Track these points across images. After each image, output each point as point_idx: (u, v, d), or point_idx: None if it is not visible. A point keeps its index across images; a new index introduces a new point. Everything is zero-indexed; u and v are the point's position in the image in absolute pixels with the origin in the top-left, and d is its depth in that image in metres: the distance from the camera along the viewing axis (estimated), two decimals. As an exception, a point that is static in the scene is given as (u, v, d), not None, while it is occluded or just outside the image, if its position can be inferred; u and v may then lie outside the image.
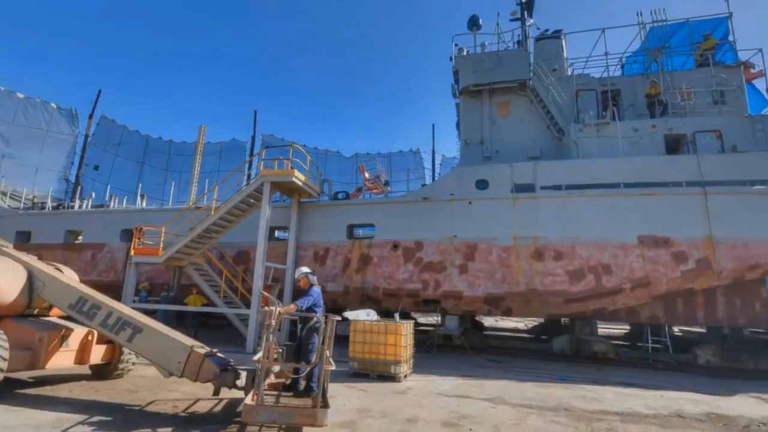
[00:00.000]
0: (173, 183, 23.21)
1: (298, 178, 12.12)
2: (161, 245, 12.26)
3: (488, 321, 21.24)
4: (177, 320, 12.31)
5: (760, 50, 13.05)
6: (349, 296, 13.02)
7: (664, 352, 12.02)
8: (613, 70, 14.79)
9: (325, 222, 13.52)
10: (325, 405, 4.67)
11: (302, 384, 5.72)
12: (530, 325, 19.63)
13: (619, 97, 13.71)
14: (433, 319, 13.97)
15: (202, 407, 5.67)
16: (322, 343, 4.87)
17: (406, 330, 8.25)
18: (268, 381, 5.62)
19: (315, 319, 5.77)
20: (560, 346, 12.46)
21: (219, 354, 5.76)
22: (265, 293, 6.30)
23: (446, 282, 12.05)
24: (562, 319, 14.47)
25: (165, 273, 14.27)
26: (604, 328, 17.25)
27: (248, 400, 4.74)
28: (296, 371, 5.67)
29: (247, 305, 11.73)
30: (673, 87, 12.93)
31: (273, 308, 5.08)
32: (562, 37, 15.12)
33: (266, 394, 5.13)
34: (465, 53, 14.97)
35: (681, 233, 10.71)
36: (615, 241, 11.04)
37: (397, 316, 8.92)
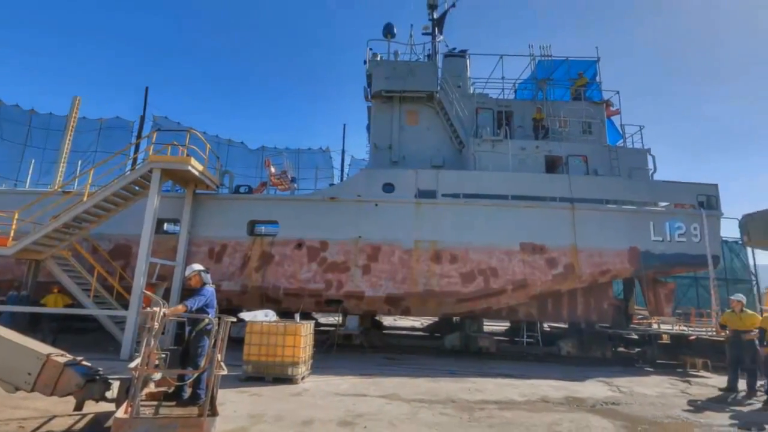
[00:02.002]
0: (33, 161, 19.49)
1: (195, 167, 11.12)
2: (11, 234, 10.20)
3: (387, 320, 21.93)
4: (30, 324, 10.36)
5: (618, 92, 15.75)
6: (247, 296, 12.33)
7: (536, 346, 13.71)
8: (507, 94, 16.47)
9: (224, 216, 12.62)
10: (213, 413, 4.33)
11: (188, 392, 5.23)
12: (425, 324, 20.76)
13: (512, 118, 15.29)
14: (334, 319, 13.94)
15: (59, 426, 4.83)
16: (213, 346, 4.51)
17: (306, 331, 8.08)
18: (146, 390, 5.02)
19: (206, 320, 5.32)
20: (451, 343, 13.38)
21: (85, 362, 4.96)
22: (148, 292, 5.62)
23: (349, 282, 12.12)
24: (454, 318, 15.57)
25: (17, 268, 11.93)
26: (488, 325, 19.00)
27: (120, 413, 4.17)
28: (181, 378, 5.15)
29: (125, 306, 10.36)
30: (553, 114, 14.89)
31: (156, 309, 4.55)
32: (467, 57, 16.36)
33: (143, 405, 4.58)
34: (379, 59, 15.31)
35: (554, 242, 12.31)
36: (502, 247, 12.26)
37: (297, 316, 8.69)
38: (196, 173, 11.24)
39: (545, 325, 15.99)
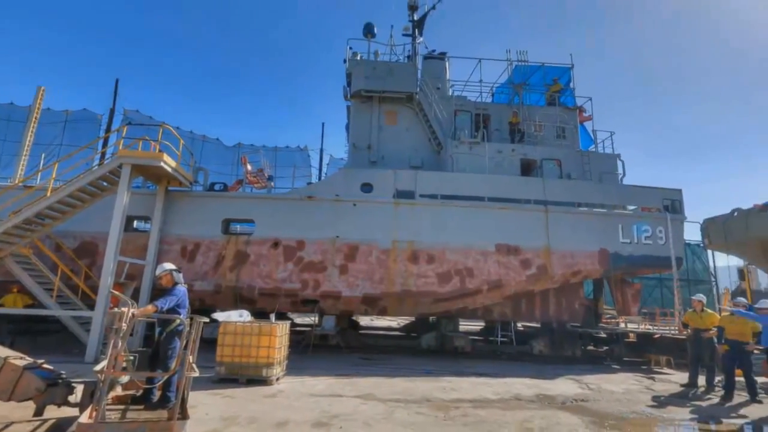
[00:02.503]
0: (-9, 154, 18.45)
1: (168, 163, 10.79)
2: (-33, 230, 9.62)
3: (364, 320, 21.90)
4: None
5: (590, 99, 16.26)
6: (221, 296, 12.06)
7: (510, 345, 13.98)
8: (485, 97, 16.76)
9: (198, 214, 12.30)
10: (184, 416, 4.21)
11: (157, 395, 5.06)
12: (402, 324, 20.84)
13: (489, 121, 15.55)
14: (311, 319, 13.81)
15: (17, 432, 4.59)
16: (185, 347, 4.39)
17: (281, 331, 7.97)
18: (112, 394, 4.84)
19: (177, 321, 5.16)
20: (427, 343, 13.48)
21: (46, 365, 4.74)
22: (116, 292, 5.41)
23: (326, 282, 12.04)
24: (431, 318, 15.70)
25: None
26: (464, 325, 19.25)
27: (84, 418, 4.00)
28: (150, 381, 4.99)
29: (91, 306, 9.94)
30: (529, 119, 15.23)
31: (125, 309, 4.38)
32: (447, 59, 16.53)
33: (109, 410, 4.40)
34: (359, 58, 15.27)
35: (528, 243, 12.59)
36: (477, 248, 12.44)
37: (272, 316, 8.57)
38: (169, 170, 10.91)
39: (519, 324, 16.34)
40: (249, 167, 14.71)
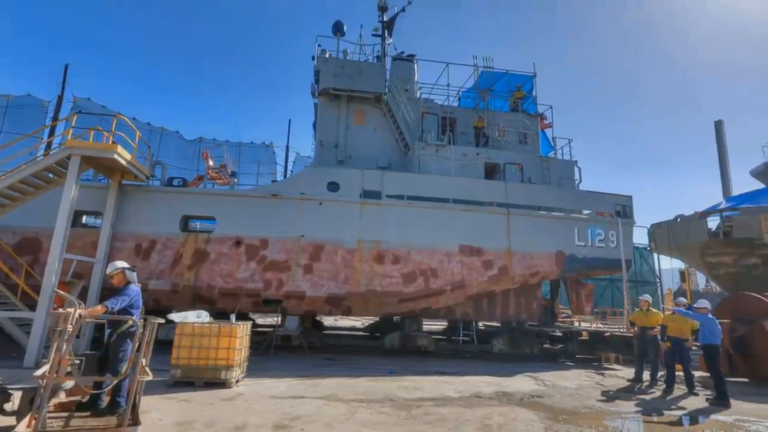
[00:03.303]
0: None
1: (122, 155, 10.22)
2: None
3: (328, 320, 21.72)
4: None
5: (551, 107, 16.95)
6: (178, 296, 11.57)
7: (471, 344, 14.31)
8: (452, 101, 17.06)
9: (154, 210, 11.73)
10: (135, 422, 4.00)
11: (105, 400, 4.78)
12: (366, 324, 20.84)
13: (455, 124, 15.86)
14: (273, 319, 13.53)
15: (-59, 445, 4.19)
16: (138, 349, 4.17)
17: (242, 332, 7.75)
18: (55, 401, 4.52)
19: (129, 322, 4.90)
20: (391, 342, 13.55)
21: (-22, 371, 4.35)
22: (61, 292, 5.06)
23: (289, 282, 11.83)
24: (395, 318, 15.80)
25: None
26: (427, 325, 19.52)
27: (22, 427, 3.71)
28: (98, 386, 4.70)
29: (32, 307, 9.24)
30: (493, 124, 15.67)
31: (71, 310, 4.11)
32: (415, 61, 16.69)
33: (51, 417, 4.11)
34: (328, 55, 15.13)
35: (490, 245, 12.94)
36: (442, 249, 12.64)
37: (233, 317, 8.32)
38: (123, 162, 10.34)
39: (480, 323, 16.76)
40: (211, 162, 14.21)
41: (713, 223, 17.68)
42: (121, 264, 5.44)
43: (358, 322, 22.99)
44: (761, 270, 16.80)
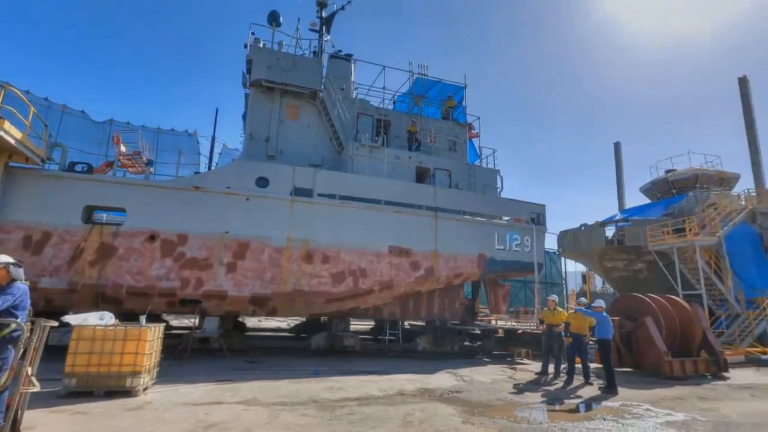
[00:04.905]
0: None
1: (10, 133, 8.86)
2: None
3: (252, 321, 20.81)
4: None
5: (479, 118, 17.99)
6: (77, 295, 10.30)
7: (397, 343, 14.63)
8: (387, 104, 17.33)
9: (50, 198, 10.33)
10: (15, 441, 3.47)
11: (-24, 417, 4.08)
12: (292, 325, 20.33)
13: (390, 127, 16.14)
14: (190, 321, 12.62)
15: None
16: (22, 356, 3.63)
17: (153, 335, 7.11)
18: None
19: (13, 325, 4.24)
20: (317, 343, 13.37)
21: None
22: None
23: (210, 281, 11.13)
24: (322, 318, 15.61)
25: None
26: (355, 325, 19.57)
27: None
28: (-33, 400, 4.00)
29: None
30: (426, 129, 16.22)
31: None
32: (353, 62, 16.68)
33: None
34: (262, 45, 14.53)
35: (418, 246, 13.35)
36: (372, 249, 12.77)
37: (143, 318, 7.60)
38: (12, 141, 8.96)
39: (406, 323, 17.21)
40: (123, 148, 12.88)
41: (610, 232, 20.04)
42: (5, 258, 4.69)
43: (283, 322, 22.33)
44: (645, 274, 19.40)
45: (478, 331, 15.88)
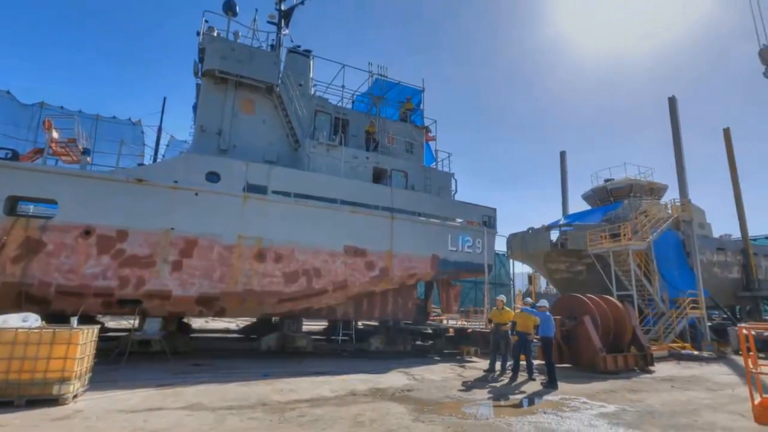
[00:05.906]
0: None
1: None
2: None
3: (198, 322, 19.86)
4: None
5: (435, 121, 18.36)
6: (-5, 295, 9.30)
7: (350, 343, 14.58)
8: (345, 102, 17.22)
9: (-34, 187, 9.26)
10: None
11: None
12: (242, 325, 19.65)
13: (348, 126, 16.05)
14: (129, 322, 11.81)
15: None
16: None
17: (85, 338, 6.57)
18: None
19: None
20: (267, 344, 13.01)
21: None
22: None
23: (153, 279, 10.48)
24: (273, 318, 15.21)
25: None
26: (307, 325, 19.26)
27: None
28: None
29: None
30: (384, 130, 16.31)
31: None
32: (311, 58, 16.42)
33: None
34: (216, 34, 13.92)
35: (373, 246, 13.38)
36: (327, 249, 12.63)
37: (74, 320, 7.01)
38: None
39: (359, 323, 17.19)
40: (55, 134, 11.79)
41: (554, 235, 21.23)
42: None
43: (232, 323, 21.52)
44: (585, 276, 20.76)
45: (431, 331, 16.18)
